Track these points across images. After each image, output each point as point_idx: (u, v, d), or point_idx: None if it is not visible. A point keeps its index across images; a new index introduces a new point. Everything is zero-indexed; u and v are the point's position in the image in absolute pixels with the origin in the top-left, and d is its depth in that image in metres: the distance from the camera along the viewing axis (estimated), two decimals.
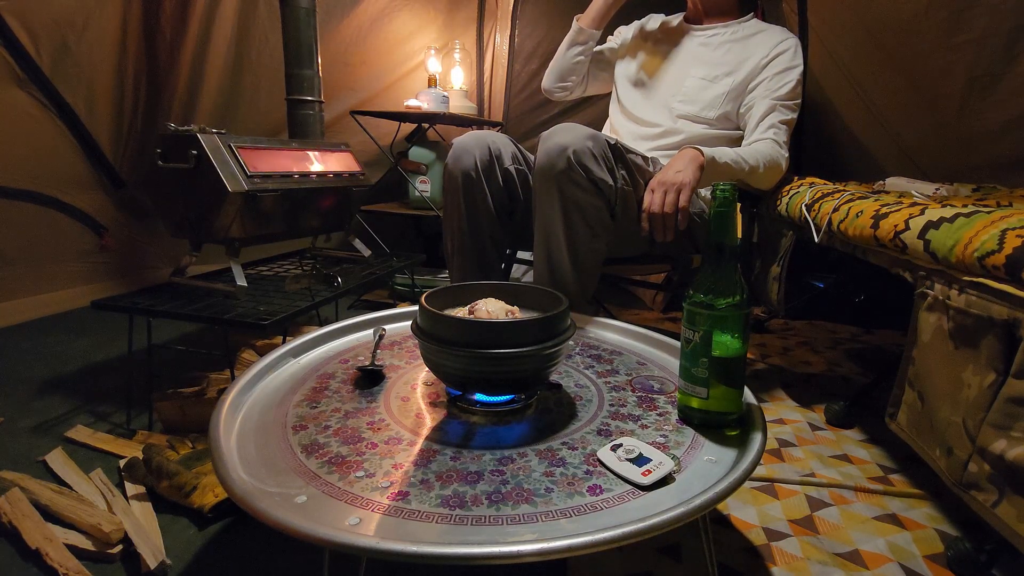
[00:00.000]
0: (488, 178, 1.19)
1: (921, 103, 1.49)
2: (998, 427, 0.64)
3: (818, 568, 0.77)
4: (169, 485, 0.88)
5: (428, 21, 2.39)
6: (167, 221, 1.21)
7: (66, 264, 1.79)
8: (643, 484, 0.56)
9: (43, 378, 1.35)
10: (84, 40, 1.62)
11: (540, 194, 1.07)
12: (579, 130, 1.05)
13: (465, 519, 0.51)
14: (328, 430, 0.65)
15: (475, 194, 1.19)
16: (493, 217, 1.21)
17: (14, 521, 0.80)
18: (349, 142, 1.58)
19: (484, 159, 1.19)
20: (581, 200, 1.04)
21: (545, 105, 2.43)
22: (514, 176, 1.23)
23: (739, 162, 1.17)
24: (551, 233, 1.07)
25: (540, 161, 1.06)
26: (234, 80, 1.95)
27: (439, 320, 0.66)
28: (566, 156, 1.02)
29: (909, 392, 0.85)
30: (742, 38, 1.33)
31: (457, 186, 1.19)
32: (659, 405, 0.74)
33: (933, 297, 0.79)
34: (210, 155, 1.08)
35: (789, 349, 1.64)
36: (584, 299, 1.12)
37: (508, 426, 0.68)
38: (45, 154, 1.66)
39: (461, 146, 1.20)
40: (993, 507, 0.65)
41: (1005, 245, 0.65)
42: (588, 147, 1.03)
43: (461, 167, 1.18)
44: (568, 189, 1.03)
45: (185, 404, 1.09)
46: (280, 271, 1.40)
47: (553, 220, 1.06)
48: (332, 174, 1.38)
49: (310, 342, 0.89)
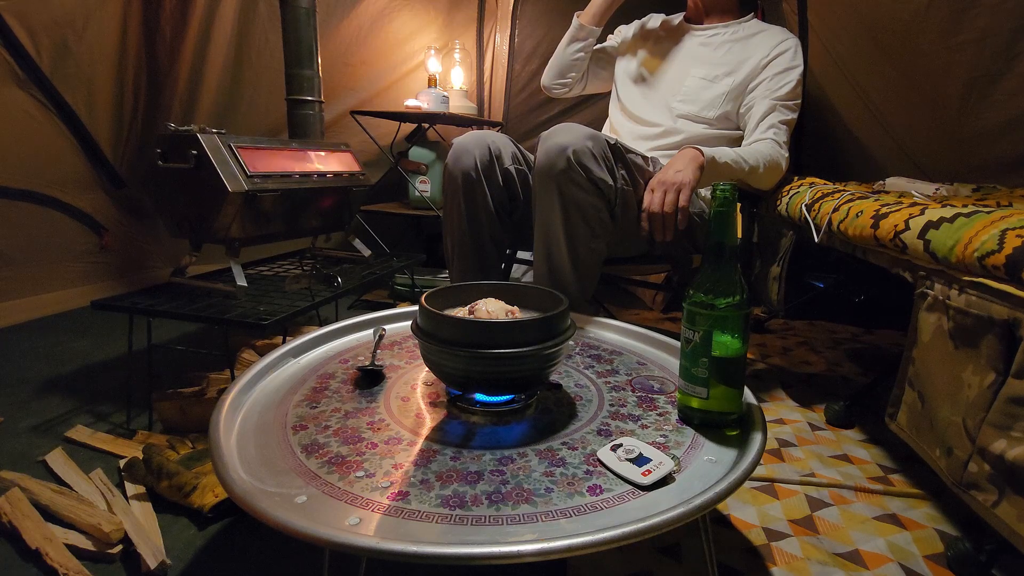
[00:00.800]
0: (488, 178, 1.19)
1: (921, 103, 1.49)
2: (998, 427, 0.64)
3: (818, 568, 0.77)
4: (169, 485, 0.88)
5: (428, 21, 2.39)
6: (167, 221, 1.20)
7: (66, 264, 1.79)
8: (643, 484, 0.56)
9: (43, 378, 1.35)
10: (84, 40, 1.62)
11: (540, 194, 1.07)
12: (579, 130, 1.05)
13: (465, 519, 0.51)
14: (328, 430, 0.65)
15: (475, 194, 1.19)
16: (493, 217, 1.21)
17: (14, 521, 0.80)
18: (349, 142, 1.58)
19: (484, 159, 1.18)
20: (581, 200, 1.04)
21: (545, 105, 2.43)
22: (514, 176, 1.23)
23: (739, 162, 1.17)
24: (551, 233, 1.07)
25: (540, 161, 1.05)
26: (234, 80, 1.96)
27: (439, 320, 0.66)
28: (566, 156, 1.02)
29: (909, 392, 0.85)
30: (742, 38, 1.33)
31: (457, 186, 1.19)
32: (659, 405, 0.74)
33: (933, 297, 0.79)
34: (210, 155, 1.08)
35: (789, 349, 1.64)
36: (584, 299, 1.12)
37: (508, 426, 0.68)
38: (45, 154, 1.66)
39: (461, 146, 1.20)
40: (993, 507, 0.65)
41: (1005, 245, 0.65)
42: (588, 147, 1.03)
43: (461, 167, 1.18)
44: (568, 189, 1.03)
45: (185, 404, 1.09)
46: (280, 271, 1.40)
47: (553, 220, 1.06)
48: (332, 174, 1.38)
49: (310, 342, 0.89)
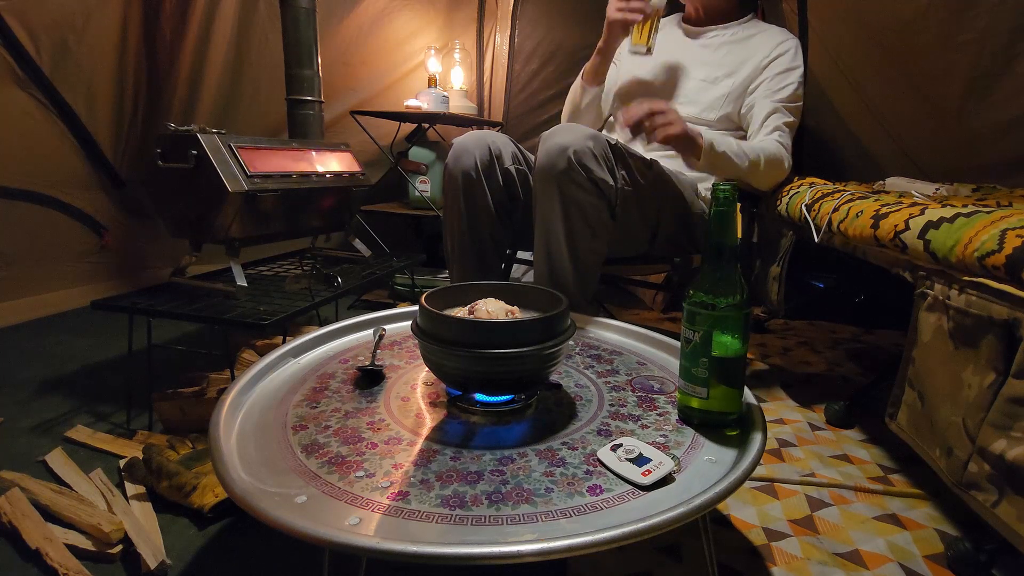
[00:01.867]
0: (488, 178, 1.19)
1: (921, 103, 1.49)
2: (998, 427, 0.64)
3: (818, 568, 0.77)
4: (169, 485, 0.88)
5: (428, 21, 2.39)
6: (167, 221, 1.20)
7: (66, 264, 1.79)
8: (643, 484, 0.56)
9: (43, 378, 1.35)
10: (84, 40, 1.62)
11: (540, 194, 1.07)
12: (579, 130, 1.05)
13: (465, 519, 0.51)
14: (328, 430, 0.65)
15: (475, 194, 1.19)
16: (493, 217, 1.21)
17: (14, 521, 0.80)
18: (349, 142, 1.58)
19: (484, 159, 1.18)
20: (581, 200, 1.04)
21: (545, 105, 2.43)
22: (514, 176, 1.23)
23: (740, 155, 1.16)
24: (551, 233, 1.07)
25: (540, 161, 1.05)
26: (234, 80, 1.95)
27: (439, 320, 0.66)
28: (566, 156, 1.02)
29: (909, 392, 0.85)
30: (742, 39, 1.33)
31: (457, 186, 1.19)
32: (659, 405, 0.74)
33: (933, 297, 0.79)
34: (210, 155, 1.08)
35: (789, 349, 1.64)
36: (584, 299, 1.12)
37: (508, 426, 0.68)
38: (45, 154, 1.66)
39: (461, 146, 1.20)
40: (993, 507, 0.65)
41: (1005, 245, 0.65)
42: (589, 147, 1.03)
43: (461, 167, 1.18)
44: (568, 189, 1.03)
45: (185, 404, 1.09)
46: (280, 271, 1.40)
47: (553, 220, 1.06)
48: (332, 174, 1.38)
49: (310, 342, 0.89)
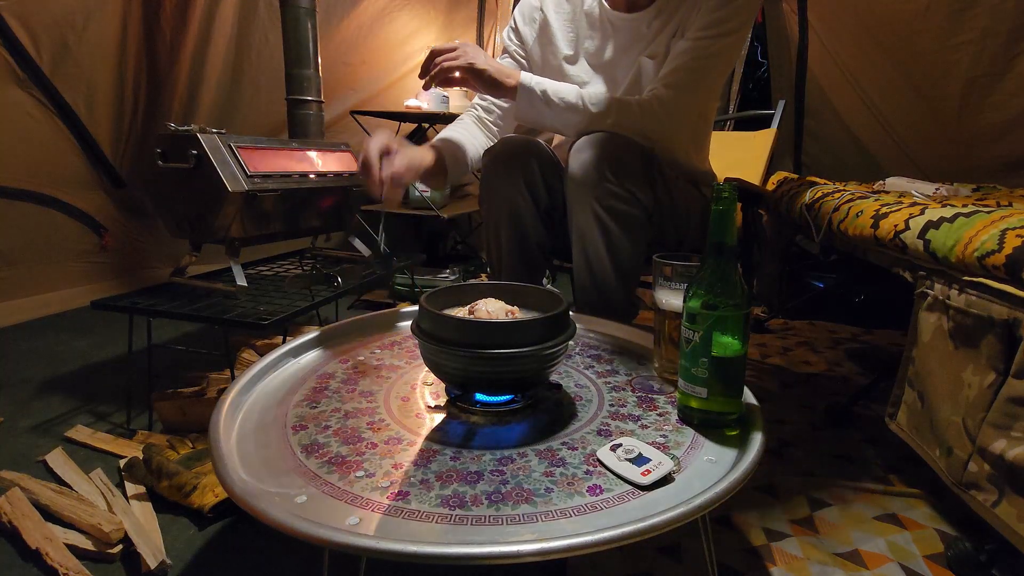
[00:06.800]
0: (533, 194, 1.10)
1: (921, 103, 1.49)
2: (998, 427, 0.64)
3: (818, 568, 0.77)
4: (169, 485, 0.88)
5: (428, 21, 2.39)
6: (167, 221, 1.20)
7: (66, 264, 1.79)
8: (643, 484, 0.56)
9: (43, 378, 1.35)
10: (84, 40, 1.62)
11: (575, 205, 1.02)
12: (615, 139, 0.99)
13: (465, 519, 0.51)
14: (328, 430, 0.65)
15: (522, 214, 1.10)
16: (542, 233, 1.13)
17: (14, 521, 0.80)
18: (349, 142, 1.58)
19: (529, 176, 1.09)
20: (620, 212, 1.00)
21: None
22: (550, 184, 1.13)
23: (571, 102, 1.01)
24: (590, 247, 1.02)
25: (574, 172, 1.00)
26: (234, 80, 1.96)
27: (439, 320, 0.66)
28: (602, 169, 0.97)
29: (909, 392, 0.86)
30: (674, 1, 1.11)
31: (503, 213, 1.10)
32: (659, 405, 0.74)
33: (933, 297, 0.79)
34: (210, 155, 1.08)
35: (789, 349, 1.64)
36: (628, 302, 1.08)
37: (508, 426, 0.68)
38: (45, 154, 1.66)
39: (499, 159, 1.09)
40: (993, 507, 0.65)
41: (1005, 245, 0.65)
42: (623, 158, 0.99)
43: (504, 195, 1.09)
44: (607, 202, 0.99)
45: (185, 404, 1.09)
46: (280, 271, 1.40)
47: (592, 235, 1.01)
48: (332, 174, 1.38)
49: (310, 342, 0.89)
